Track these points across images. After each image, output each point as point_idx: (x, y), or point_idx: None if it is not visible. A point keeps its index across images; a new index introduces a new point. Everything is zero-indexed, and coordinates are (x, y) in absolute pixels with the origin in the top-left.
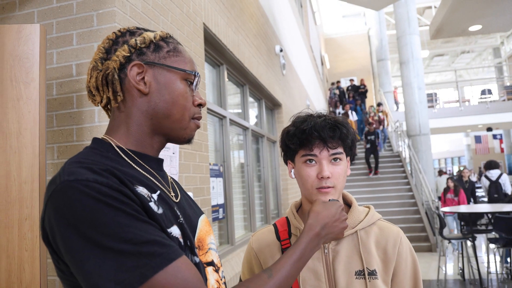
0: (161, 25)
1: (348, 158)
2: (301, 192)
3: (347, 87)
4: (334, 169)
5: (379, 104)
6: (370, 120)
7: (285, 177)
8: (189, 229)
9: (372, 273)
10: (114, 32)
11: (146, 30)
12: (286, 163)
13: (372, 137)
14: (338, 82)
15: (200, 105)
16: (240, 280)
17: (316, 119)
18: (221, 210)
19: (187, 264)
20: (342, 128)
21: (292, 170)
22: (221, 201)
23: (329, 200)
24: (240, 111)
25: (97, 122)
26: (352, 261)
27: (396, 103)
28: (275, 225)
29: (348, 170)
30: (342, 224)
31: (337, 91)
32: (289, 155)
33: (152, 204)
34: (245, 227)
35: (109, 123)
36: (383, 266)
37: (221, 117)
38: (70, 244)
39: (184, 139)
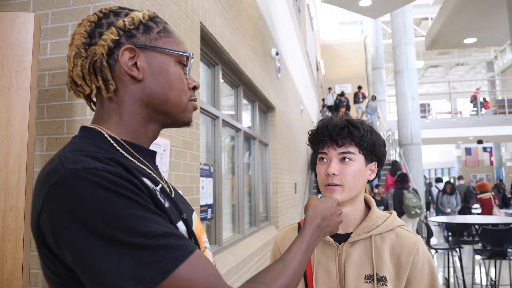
0: None
1: (374, 163)
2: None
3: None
4: (343, 168)
5: None
6: None
7: (275, 181)
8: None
9: (382, 279)
10: (95, 13)
11: (131, 10)
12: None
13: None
14: (341, 95)
15: (195, 88)
16: None
17: (332, 120)
18: (209, 210)
19: (204, 256)
20: (353, 128)
21: None
22: (210, 201)
23: (320, 196)
24: (233, 112)
25: (89, 115)
26: (363, 264)
27: None
28: (299, 223)
29: (371, 175)
30: (338, 218)
31: (329, 114)
32: (316, 156)
33: (159, 197)
34: (233, 229)
35: (96, 113)
36: (395, 274)
37: (214, 117)
38: (79, 241)
39: (184, 122)
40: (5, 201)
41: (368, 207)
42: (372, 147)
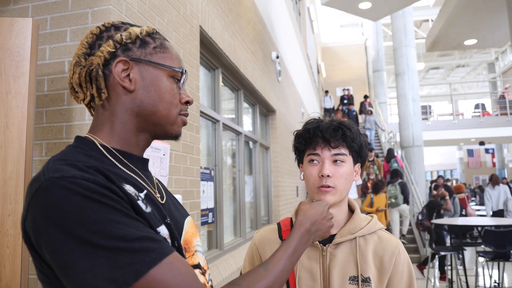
0: (156, 26)
1: (358, 164)
2: (308, 193)
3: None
4: (336, 169)
5: (370, 150)
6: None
7: (277, 184)
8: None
9: (366, 281)
10: (98, 27)
11: (132, 25)
12: (298, 166)
13: None
14: (350, 104)
15: (188, 103)
16: (241, 274)
17: (323, 121)
18: (210, 214)
19: (180, 259)
20: (346, 130)
21: (302, 173)
22: (211, 205)
23: (313, 201)
24: (233, 116)
25: (87, 120)
26: (347, 266)
27: None
28: (279, 224)
29: (357, 177)
30: (329, 222)
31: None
32: (299, 158)
33: (140, 203)
34: (235, 232)
35: (93, 121)
36: (378, 275)
37: (214, 121)
38: (57, 244)
39: (172, 135)
40: (3, 206)
41: (350, 210)
42: (360, 148)
